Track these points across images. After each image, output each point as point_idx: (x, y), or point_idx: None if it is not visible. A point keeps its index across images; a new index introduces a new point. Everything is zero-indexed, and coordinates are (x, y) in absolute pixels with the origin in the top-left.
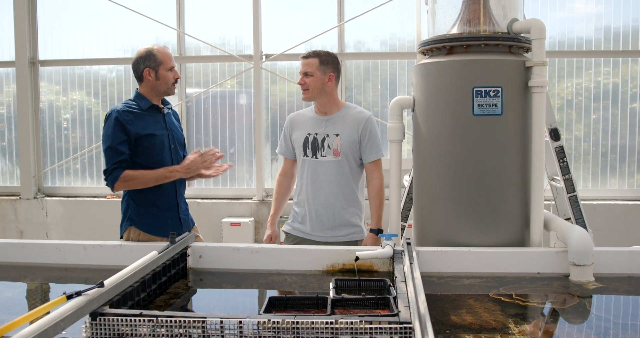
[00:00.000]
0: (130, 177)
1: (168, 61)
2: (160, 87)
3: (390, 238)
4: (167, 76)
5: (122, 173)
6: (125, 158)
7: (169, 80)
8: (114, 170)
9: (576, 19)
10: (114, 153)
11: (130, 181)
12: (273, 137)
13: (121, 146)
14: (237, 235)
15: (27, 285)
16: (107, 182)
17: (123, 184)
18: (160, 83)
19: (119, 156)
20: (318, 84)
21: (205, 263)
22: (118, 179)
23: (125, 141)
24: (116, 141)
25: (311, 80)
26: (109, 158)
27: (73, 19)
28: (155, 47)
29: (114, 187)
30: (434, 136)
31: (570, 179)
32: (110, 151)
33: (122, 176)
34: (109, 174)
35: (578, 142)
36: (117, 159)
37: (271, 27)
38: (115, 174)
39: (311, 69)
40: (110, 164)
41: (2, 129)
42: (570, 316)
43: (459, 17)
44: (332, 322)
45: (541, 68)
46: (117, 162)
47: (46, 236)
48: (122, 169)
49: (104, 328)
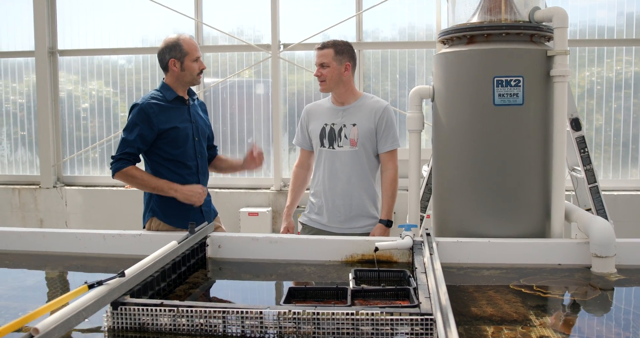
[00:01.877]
0: (132, 175)
1: (194, 51)
2: (185, 77)
3: (410, 229)
4: (193, 67)
5: (127, 167)
6: (135, 152)
7: (194, 71)
8: (119, 160)
9: (597, 6)
10: (127, 144)
11: (130, 178)
12: (290, 127)
13: (136, 140)
14: (254, 224)
15: (47, 274)
16: (111, 168)
17: (123, 177)
18: (185, 74)
19: (130, 149)
20: (335, 75)
21: (224, 253)
22: (120, 171)
23: (143, 135)
24: (134, 133)
25: (328, 71)
26: (121, 146)
27: (92, 9)
28: (181, 37)
29: (114, 176)
30: (453, 126)
31: (591, 169)
32: (125, 141)
33: (125, 169)
34: (115, 161)
35: (598, 132)
36: (127, 151)
37: (289, 17)
38: (120, 165)
39: (327, 60)
40: (119, 153)
41: (22, 118)
42: (592, 308)
43: (479, 5)
44: (353, 313)
45: (563, 57)
46: (125, 153)
47: (65, 225)
48: (128, 163)
49: (125, 317)
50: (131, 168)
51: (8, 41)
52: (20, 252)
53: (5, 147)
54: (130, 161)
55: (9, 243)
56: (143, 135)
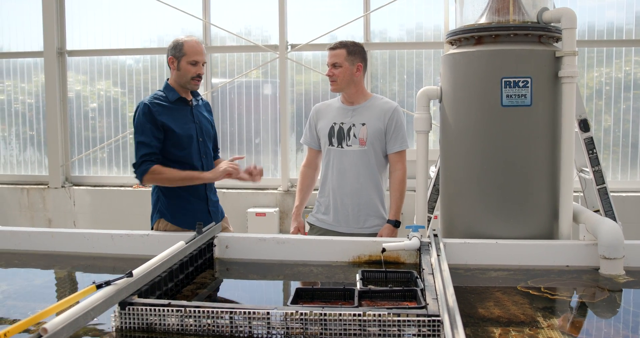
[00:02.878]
0: (159, 171)
1: (192, 54)
2: (180, 79)
3: (417, 230)
4: (188, 69)
5: (152, 166)
6: (155, 151)
7: (188, 73)
8: (142, 163)
9: (606, 6)
10: (144, 146)
11: (158, 176)
12: (298, 127)
13: (151, 139)
14: (262, 225)
15: (56, 273)
16: (137, 175)
17: (151, 178)
18: (180, 74)
19: (149, 149)
20: (347, 75)
21: (232, 253)
22: (147, 173)
23: (155, 133)
24: (146, 133)
25: (340, 71)
26: (139, 150)
27: (100, 9)
28: (186, 38)
29: (143, 180)
30: (461, 127)
31: (599, 170)
32: (141, 144)
33: (150, 169)
34: (138, 167)
35: (607, 132)
36: (146, 152)
37: (296, 17)
38: (144, 167)
39: (339, 60)
40: (139, 158)
41: (30, 118)
42: (600, 310)
43: (487, 6)
44: (360, 314)
45: (571, 58)
46: (145, 155)
47: (73, 224)
48: (151, 163)
49: (132, 317)
50: (155, 166)
51: (17, 42)
52: (29, 252)
53: (14, 147)
54: (152, 160)
55: (17, 242)
56: (155, 134)
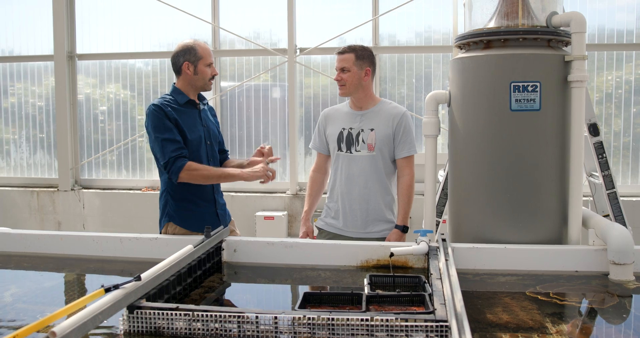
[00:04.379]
0: (195, 168)
1: (207, 56)
2: (197, 82)
3: (425, 234)
4: (205, 72)
5: (186, 163)
6: (182, 146)
7: (206, 76)
8: (176, 159)
9: (616, 9)
10: (170, 142)
11: (194, 172)
12: (307, 131)
13: (175, 134)
14: (270, 228)
15: (65, 276)
16: (171, 173)
17: (187, 175)
18: (197, 78)
19: (176, 145)
20: (355, 80)
21: (240, 257)
22: (183, 169)
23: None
24: (168, 130)
25: (348, 76)
26: (166, 147)
27: (110, 13)
28: (196, 42)
29: (180, 177)
30: (470, 131)
31: (609, 175)
32: (166, 141)
33: (186, 166)
34: (172, 164)
35: (617, 136)
36: (175, 147)
37: (305, 21)
38: (180, 164)
39: (348, 65)
40: (169, 155)
41: (41, 121)
42: (610, 316)
43: (496, 10)
44: (368, 319)
45: (581, 62)
46: (175, 150)
47: (83, 227)
48: (184, 159)
49: (140, 321)
50: (190, 163)
51: (28, 46)
52: (38, 254)
53: (25, 150)
54: (184, 156)
55: (27, 245)
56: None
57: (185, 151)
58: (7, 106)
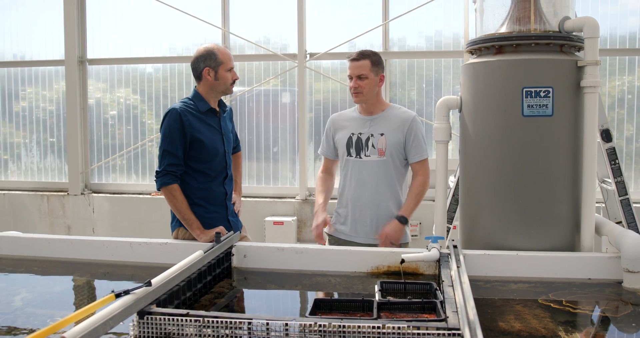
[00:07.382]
0: (175, 195)
1: (228, 61)
2: (219, 87)
3: (437, 241)
4: (226, 77)
5: (173, 184)
6: (179, 163)
7: (227, 81)
8: (166, 174)
9: (628, 13)
10: (170, 155)
11: (171, 197)
12: (316, 136)
13: (178, 148)
14: (279, 233)
15: (75, 281)
16: (157, 182)
17: (166, 194)
18: (219, 83)
19: (174, 160)
20: (372, 87)
21: (250, 262)
22: (167, 187)
23: (182, 143)
24: (174, 143)
25: (366, 83)
26: (165, 159)
27: (120, 19)
28: (216, 46)
29: (159, 189)
30: (482, 137)
31: (622, 181)
32: (167, 153)
33: (171, 187)
34: (162, 175)
35: (629, 142)
36: (171, 162)
37: (315, 26)
38: (168, 180)
39: (365, 72)
40: (163, 167)
41: (51, 125)
42: (623, 325)
43: (508, 15)
44: (379, 326)
45: (594, 68)
46: (170, 165)
47: (92, 231)
48: (175, 179)
49: (151, 327)
50: (176, 187)
51: (39, 50)
52: (48, 259)
53: (35, 154)
54: (177, 176)
55: (37, 249)
56: (182, 144)
57: (180, 169)
58: (18, 110)
